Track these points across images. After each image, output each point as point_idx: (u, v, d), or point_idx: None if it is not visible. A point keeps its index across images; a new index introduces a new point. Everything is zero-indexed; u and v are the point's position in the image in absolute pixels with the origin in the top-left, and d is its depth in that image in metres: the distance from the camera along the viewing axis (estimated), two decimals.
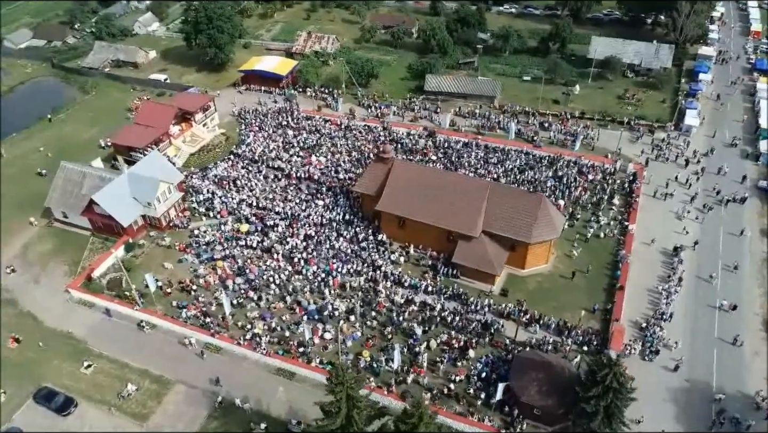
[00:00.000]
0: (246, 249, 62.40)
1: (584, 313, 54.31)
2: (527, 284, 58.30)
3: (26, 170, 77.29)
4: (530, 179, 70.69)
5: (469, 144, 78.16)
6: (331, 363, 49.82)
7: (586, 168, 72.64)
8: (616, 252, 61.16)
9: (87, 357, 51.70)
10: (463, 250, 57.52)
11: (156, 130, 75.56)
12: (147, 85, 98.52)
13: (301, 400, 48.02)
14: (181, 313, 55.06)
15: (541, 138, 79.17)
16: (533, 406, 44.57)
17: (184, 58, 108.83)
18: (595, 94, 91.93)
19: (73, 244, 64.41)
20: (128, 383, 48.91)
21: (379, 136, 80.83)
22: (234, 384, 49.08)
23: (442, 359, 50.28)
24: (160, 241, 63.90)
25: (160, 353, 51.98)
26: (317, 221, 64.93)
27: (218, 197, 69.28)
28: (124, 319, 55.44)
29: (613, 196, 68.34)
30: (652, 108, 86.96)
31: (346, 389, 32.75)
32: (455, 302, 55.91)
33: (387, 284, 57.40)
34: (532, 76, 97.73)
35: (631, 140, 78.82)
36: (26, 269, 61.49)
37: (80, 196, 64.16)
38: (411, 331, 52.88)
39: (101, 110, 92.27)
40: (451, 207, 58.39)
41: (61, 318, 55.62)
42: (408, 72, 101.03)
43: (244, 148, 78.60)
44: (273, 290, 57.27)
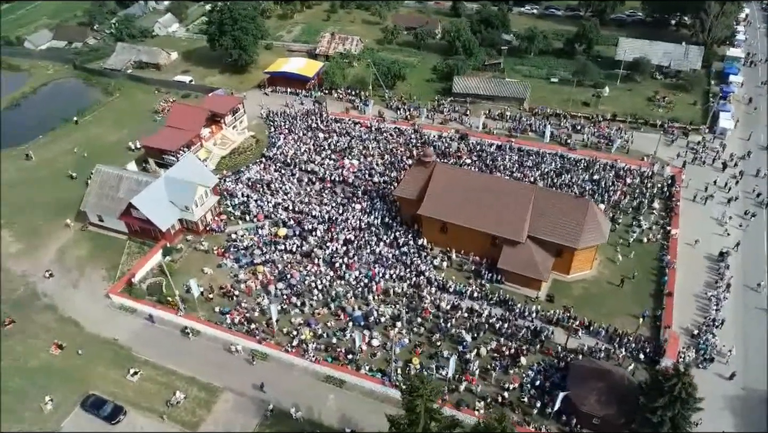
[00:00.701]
0: (285, 254, 61.68)
1: (635, 320, 53.63)
2: (573, 289, 57.55)
3: (57, 173, 76.66)
4: (567, 183, 69.95)
5: (502, 147, 77.43)
6: (382, 371, 49.45)
7: (623, 171, 71.88)
8: (661, 257, 60.41)
9: (132, 364, 51.02)
10: (508, 255, 56.80)
11: (188, 132, 74.94)
12: (171, 87, 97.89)
13: (352, 408, 47.38)
14: (225, 319, 54.36)
15: (575, 141, 78.46)
16: (593, 415, 43.84)
17: (206, 59, 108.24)
18: (624, 96, 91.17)
19: (110, 248, 63.78)
20: (176, 391, 48.26)
21: (411, 139, 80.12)
22: (283, 392, 48.41)
23: (493, 366, 49.56)
24: (198, 245, 63.26)
25: (206, 359, 51.30)
26: (355, 225, 64.23)
27: (253, 201, 68.59)
28: (167, 325, 54.78)
29: (653, 200, 67.58)
30: (684, 110, 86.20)
31: (425, 402, 31.97)
32: (501, 308, 55.22)
33: (432, 290, 56.66)
34: (559, 77, 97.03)
35: (665, 143, 78.00)
36: (64, 273, 60.84)
37: (116, 199, 63.52)
38: (459, 338, 52.19)
39: (127, 112, 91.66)
40: (495, 211, 57.65)
41: (103, 324, 54.96)
42: (433, 73, 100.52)
43: (275, 151, 77.92)
44: (316, 296, 56.58)
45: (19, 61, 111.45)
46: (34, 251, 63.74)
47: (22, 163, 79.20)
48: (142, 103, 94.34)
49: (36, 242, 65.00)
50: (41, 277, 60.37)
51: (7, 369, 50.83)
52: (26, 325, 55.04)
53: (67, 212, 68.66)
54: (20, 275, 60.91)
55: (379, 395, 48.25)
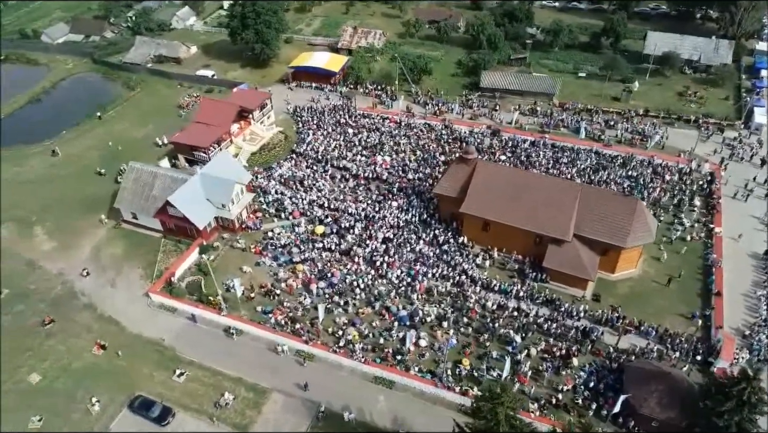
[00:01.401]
0: (324, 252, 60.84)
1: (683, 320, 52.92)
2: (618, 288, 56.72)
3: (84, 170, 75.70)
4: (604, 180, 68.97)
5: (536, 143, 76.40)
6: (431, 372, 48.77)
7: (660, 168, 70.89)
8: (705, 256, 59.57)
9: (178, 365, 50.27)
10: (553, 254, 55.95)
11: (218, 128, 73.90)
12: (194, 82, 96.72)
13: (403, 410, 46.70)
14: (268, 318, 53.59)
15: (608, 137, 77.43)
16: (652, 418, 43.13)
17: (225, 53, 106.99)
18: (654, 91, 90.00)
19: (145, 246, 62.92)
20: (225, 392, 47.52)
21: (442, 135, 79.08)
22: (331, 393, 47.71)
23: (545, 367, 48.81)
24: (234, 243, 62.39)
25: (252, 360, 50.57)
26: (393, 223, 63.34)
27: (287, 198, 67.66)
28: (209, 325, 54.00)
29: (693, 197, 66.67)
30: (716, 106, 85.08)
31: (506, 410, 31.13)
32: (547, 307, 54.44)
33: (476, 289, 55.85)
34: (587, 72, 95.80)
35: (701, 139, 76.92)
36: (100, 272, 60.01)
37: (151, 197, 62.61)
38: (508, 338, 51.44)
39: (150, 107, 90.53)
40: (540, 210, 56.73)
41: (144, 324, 54.18)
42: (458, 68, 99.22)
43: (305, 147, 76.88)
44: (358, 295, 55.78)
45: (37, 55, 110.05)
46: (68, 249, 62.90)
47: (49, 159, 78.25)
48: (165, 98, 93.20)
49: (69, 239, 64.13)
50: (78, 275, 59.53)
51: (52, 370, 50.13)
52: (66, 324, 54.28)
53: (98, 209, 67.86)
54: (56, 273, 60.07)
55: (430, 396, 47.55)
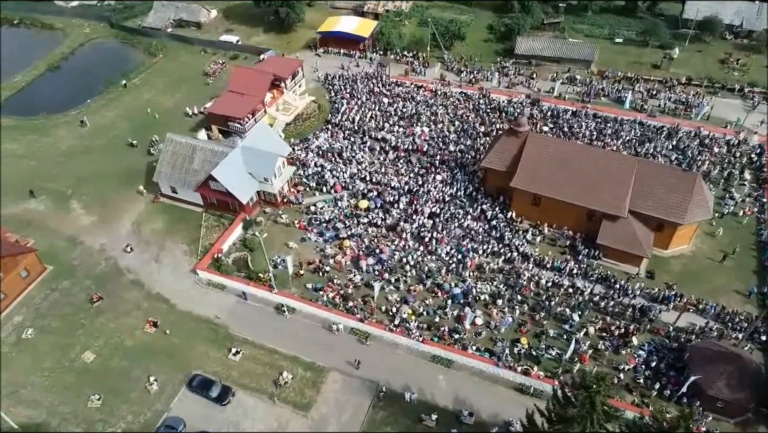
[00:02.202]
0: (370, 227, 59.77)
1: (740, 297, 52.30)
2: (672, 265, 55.90)
3: (116, 141, 73.89)
4: (651, 152, 67.26)
5: (577, 113, 74.34)
6: (489, 350, 48.29)
7: (708, 140, 69.10)
8: (759, 231, 58.53)
9: (232, 343, 49.85)
10: (608, 230, 54.89)
11: (253, 98, 71.79)
12: (218, 48, 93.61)
13: (464, 389, 46.50)
14: (320, 295, 52.93)
15: (651, 107, 75.29)
16: (718, 399, 42.88)
17: (247, 17, 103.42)
18: (695, 58, 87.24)
19: (186, 221, 61.80)
20: (283, 371, 47.21)
21: (480, 105, 76.90)
22: (390, 372, 47.44)
23: (605, 346, 48.38)
24: (277, 218, 61.24)
25: (306, 338, 50.12)
26: (438, 197, 62.05)
27: (328, 171, 66.13)
28: (259, 302, 53.37)
29: (743, 170, 65.19)
30: (759, 73, 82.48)
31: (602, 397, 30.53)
32: (601, 285, 53.70)
33: (529, 266, 55.01)
34: (624, 38, 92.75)
35: (746, 109, 74.85)
36: (143, 248, 59.06)
37: (191, 171, 61.14)
38: (564, 316, 50.88)
39: (176, 75, 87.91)
40: (594, 184, 55.39)
41: (194, 301, 53.54)
42: (490, 33, 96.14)
43: (340, 117, 74.82)
44: (409, 272, 54.97)
45: (52, 19, 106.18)
46: (108, 224, 61.78)
47: (78, 130, 76.24)
48: (189, 65, 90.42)
49: (108, 214, 62.94)
50: (121, 251, 58.59)
51: (106, 348, 49.71)
52: (115, 302, 53.63)
53: (134, 182, 66.49)
54: (99, 249, 59.10)
55: (490, 375, 47.28)
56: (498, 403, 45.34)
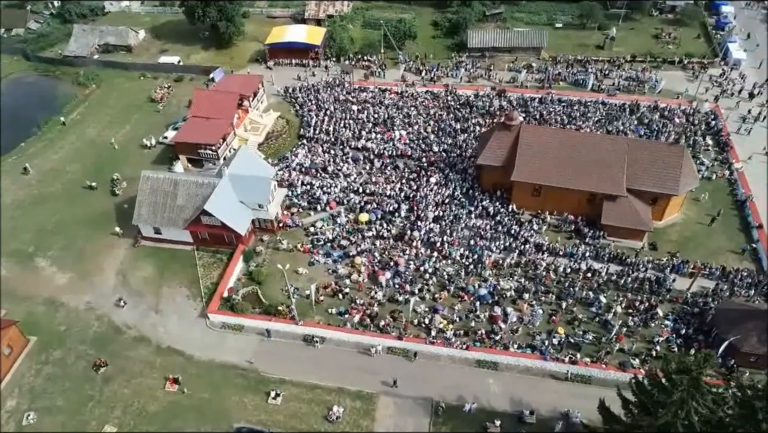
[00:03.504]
0: (377, 240, 58.15)
1: (736, 255, 55.90)
2: (669, 235, 58.73)
3: (71, 185, 66.94)
4: (620, 129, 70.38)
5: (544, 100, 76.39)
6: (530, 346, 48.47)
7: (667, 112, 73.35)
8: (734, 192, 62.84)
9: (268, 386, 46.60)
10: (610, 210, 56.77)
11: (222, 121, 67.52)
12: (158, 71, 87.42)
13: (516, 388, 46.37)
14: (347, 319, 50.78)
15: (607, 86, 78.82)
16: (752, 354, 45.55)
17: (179, 35, 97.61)
18: (630, 36, 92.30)
19: (178, 262, 57.11)
20: (333, 406, 44.78)
21: (449, 102, 77.05)
22: (439, 386, 46.36)
23: (635, 323, 49.95)
24: (277, 245, 58.07)
25: (344, 366, 47.87)
26: (437, 200, 61.46)
27: (317, 188, 63.57)
28: (285, 337, 50.32)
29: (705, 137, 69.79)
30: (691, 45, 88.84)
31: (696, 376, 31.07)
32: (613, 263, 55.47)
33: (544, 256, 55.76)
34: (563, 23, 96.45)
35: (689, 79, 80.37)
36: (138, 299, 53.91)
37: (175, 208, 56.53)
38: (590, 300, 52.05)
39: (119, 105, 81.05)
40: (591, 168, 57.04)
41: (213, 348, 49.55)
42: (435, 29, 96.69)
43: (312, 131, 72.22)
44: (430, 280, 54.00)
45: None
46: (88, 279, 55.86)
47: (22, 179, 68.25)
48: (131, 92, 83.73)
49: (85, 267, 56.94)
50: (112, 307, 53.18)
51: (127, 417, 44.81)
52: (123, 364, 48.52)
53: (104, 228, 60.78)
54: (85, 308, 53.29)
55: (537, 371, 47.47)
56: (553, 396, 45.59)
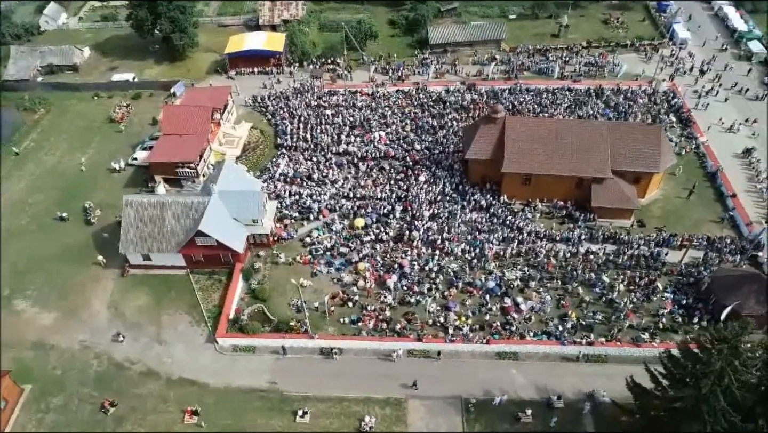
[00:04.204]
0: (376, 244, 57.62)
1: (717, 225, 59.08)
2: (653, 211, 61.25)
3: (38, 218, 62.53)
4: (591, 114, 72.78)
5: (513, 90, 77.94)
6: (546, 333, 49.40)
7: (630, 94, 76.48)
8: (703, 165, 66.31)
9: (292, 405, 45.26)
10: (598, 193, 58.66)
11: (197, 137, 64.91)
12: (112, 89, 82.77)
13: (539, 376, 47.18)
14: (362, 327, 50.07)
15: (570, 72, 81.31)
16: (752, 316, 48.19)
17: (126, 50, 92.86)
18: (581, 23, 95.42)
19: (173, 288, 54.49)
20: (364, 416, 44.04)
21: (422, 99, 77.25)
22: (466, 382, 46.52)
23: (639, 299, 51.81)
24: (275, 259, 56.47)
25: (367, 374, 47.17)
26: (430, 198, 61.55)
27: (308, 197, 62.25)
28: (300, 352, 49.00)
29: (668, 114, 73.30)
30: (638, 28, 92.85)
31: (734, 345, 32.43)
32: (607, 243, 57.33)
33: (543, 243, 56.94)
34: (516, 14, 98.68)
35: (643, 61, 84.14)
36: (136, 331, 51.04)
37: (165, 231, 53.96)
38: (592, 281, 53.60)
39: (76, 129, 76.25)
40: (577, 154, 58.73)
41: (227, 374, 47.60)
42: (393, 28, 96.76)
43: (290, 139, 70.65)
44: (439, 279, 54.00)
45: None
46: (77, 316, 52.41)
47: None
48: (87, 114, 78.96)
49: (72, 304, 53.38)
50: (110, 343, 50.13)
51: None
52: (134, 402, 45.81)
53: (84, 260, 57.31)
54: (80, 348, 49.96)
55: (556, 356, 48.45)
56: (575, 379, 46.67)
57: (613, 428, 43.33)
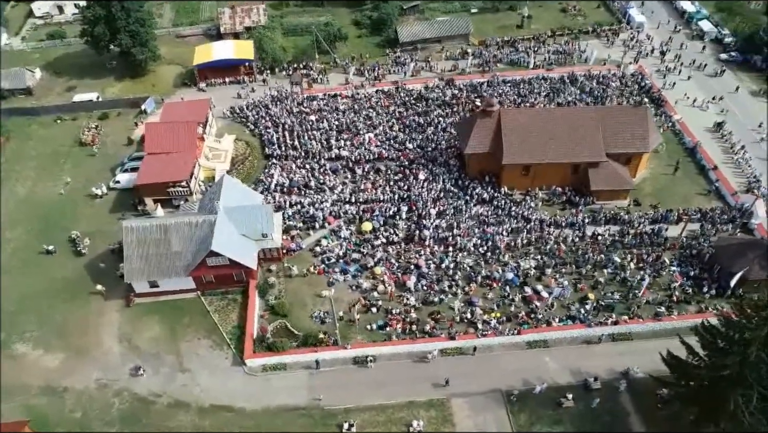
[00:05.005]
0: (388, 246, 57.18)
1: (704, 197, 62.24)
2: (644, 189, 63.67)
3: (21, 254, 58.20)
4: (568, 101, 74.98)
5: (491, 83, 79.15)
6: (570, 317, 50.53)
7: (602, 78, 79.22)
8: (681, 141, 69.61)
9: (335, 419, 44.31)
10: (596, 176, 60.52)
11: (185, 153, 62.24)
12: (76, 111, 77.96)
13: (571, 360, 48.20)
14: (391, 332, 49.60)
15: (541, 62, 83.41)
16: (758, 280, 51.05)
17: (83, 69, 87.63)
18: (540, 12, 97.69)
19: (185, 313, 52.09)
20: (412, 421, 43.65)
21: (404, 98, 77.16)
22: (503, 375, 46.99)
23: (651, 274, 53.76)
24: (287, 272, 55.01)
25: (405, 378, 46.80)
26: (433, 196, 61.65)
27: (310, 206, 60.95)
28: (333, 364, 47.95)
29: (640, 96, 76.47)
30: (595, 15, 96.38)
31: None
32: (611, 224, 59.25)
33: (550, 230, 58.18)
34: (477, 8, 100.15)
35: (606, 46, 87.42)
36: (156, 362, 48.47)
37: (171, 255, 51.51)
38: (603, 262, 55.25)
39: (43, 156, 71.28)
40: (572, 140, 60.32)
41: (261, 395, 45.98)
42: (359, 28, 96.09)
43: (277, 149, 68.93)
44: (458, 275, 54.18)
45: None
46: (86, 354, 49.23)
47: None
48: (51, 139, 74.11)
49: (78, 342, 50.09)
50: (129, 378, 47.36)
51: None
52: None
53: (81, 293, 54.01)
54: (96, 387, 46.93)
55: (584, 338, 49.63)
56: (605, 359, 47.97)
57: (650, 402, 44.82)
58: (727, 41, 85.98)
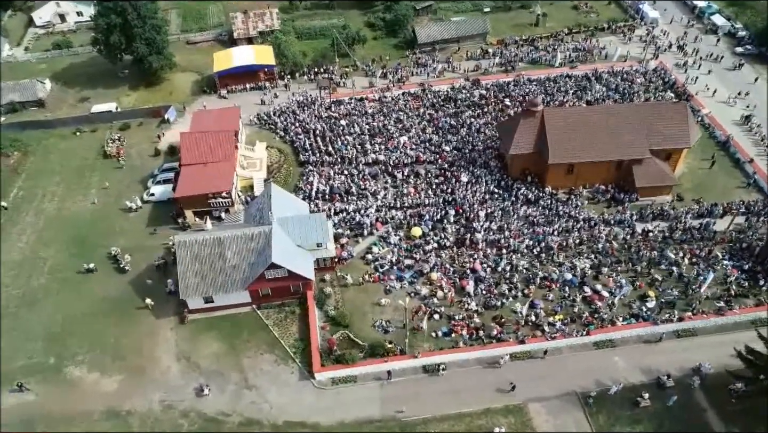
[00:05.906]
0: (441, 251, 56.47)
1: (745, 189, 62.81)
2: (684, 185, 64.02)
3: (60, 274, 55.97)
4: (597, 98, 75.16)
5: (518, 82, 78.98)
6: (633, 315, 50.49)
7: (626, 75, 79.63)
8: (713, 135, 70.26)
9: (414, 429, 43.42)
10: (640, 173, 60.66)
11: (224, 163, 60.64)
12: (94, 122, 75.58)
13: (640, 358, 48.03)
14: (458, 338, 48.89)
15: (564, 60, 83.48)
16: None
17: (94, 78, 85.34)
18: (553, 10, 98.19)
19: (244, 328, 50.61)
20: (494, 428, 43.01)
21: (432, 100, 76.51)
22: (574, 376, 46.64)
23: (705, 270, 53.97)
24: (342, 281, 53.92)
25: (478, 386, 46.10)
26: (479, 199, 61.12)
27: (353, 212, 59.89)
28: (404, 375, 47.03)
29: (666, 91, 77.07)
30: (608, 11, 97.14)
31: None
32: (659, 220, 59.40)
33: (600, 228, 58.08)
34: (490, 7, 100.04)
35: (623, 42, 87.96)
36: (220, 380, 46.95)
37: (227, 269, 50.04)
38: (657, 259, 55.30)
39: (66, 169, 68.95)
40: (616, 138, 60.33)
41: (334, 409, 44.81)
42: (373, 30, 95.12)
43: (311, 155, 67.69)
44: (516, 278, 53.71)
45: None
46: (145, 375, 47.48)
47: None
48: (73, 152, 71.70)
49: (134, 362, 48.30)
50: (194, 398, 45.78)
51: None
52: None
53: (128, 311, 52.29)
54: (161, 408, 45.24)
55: (650, 336, 49.53)
56: (673, 356, 47.95)
57: (724, 397, 44.89)
58: (741, 35, 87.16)
